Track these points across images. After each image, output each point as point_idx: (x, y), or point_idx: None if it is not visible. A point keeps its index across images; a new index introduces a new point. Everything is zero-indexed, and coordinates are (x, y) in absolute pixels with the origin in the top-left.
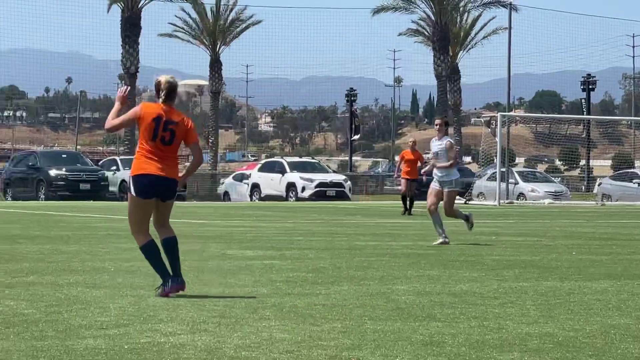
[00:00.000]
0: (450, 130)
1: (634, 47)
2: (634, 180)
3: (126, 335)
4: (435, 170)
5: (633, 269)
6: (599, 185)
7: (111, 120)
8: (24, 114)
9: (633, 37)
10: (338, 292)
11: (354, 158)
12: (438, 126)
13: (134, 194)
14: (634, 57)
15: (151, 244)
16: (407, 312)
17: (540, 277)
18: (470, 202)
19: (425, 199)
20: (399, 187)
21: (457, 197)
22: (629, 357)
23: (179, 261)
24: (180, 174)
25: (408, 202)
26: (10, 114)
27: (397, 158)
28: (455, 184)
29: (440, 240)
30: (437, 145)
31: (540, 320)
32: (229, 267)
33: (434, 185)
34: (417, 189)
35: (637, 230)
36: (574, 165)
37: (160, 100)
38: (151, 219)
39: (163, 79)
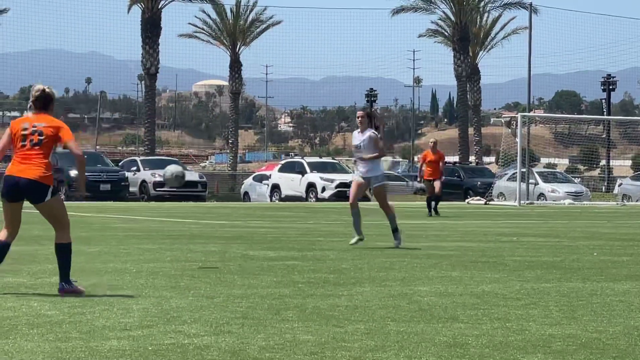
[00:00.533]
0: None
1: None
2: None
3: (150, 337)
4: (358, 165)
5: None
6: (619, 185)
7: None
8: None
9: None
10: (360, 293)
11: None
12: (360, 119)
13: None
14: None
15: (1, 245)
16: (429, 314)
17: (563, 278)
18: (490, 203)
19: (446, 200)
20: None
21: (478, 198)
22: None
23: (66, 268)
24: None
25: (433, 203)
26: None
27: (417, 158)
28: (381, 179)
29: (356, 239)
30: (359, 138)
31: (563, 322)
32: (251, 268)
33: (357, 179)
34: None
35: None
36: (594, 166)
37: (33, 110)
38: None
39: (35, 87)
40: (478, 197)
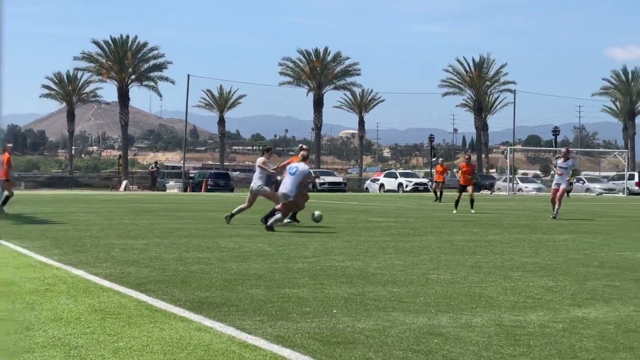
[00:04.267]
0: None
1: None
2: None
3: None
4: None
5: None
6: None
7: None
8: None
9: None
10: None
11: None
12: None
13: None
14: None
15: None
16: (460, 249)
17: (532, 232)
18: (493, 193)
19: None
20: None
21: (487, 190)
22: None
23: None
24: None
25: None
26: None
27: (455, 170)
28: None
29: None
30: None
31: (532, 255)
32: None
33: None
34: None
35: None
36: (547, 174)
37: None
38: None
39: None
40: (487, 190)
